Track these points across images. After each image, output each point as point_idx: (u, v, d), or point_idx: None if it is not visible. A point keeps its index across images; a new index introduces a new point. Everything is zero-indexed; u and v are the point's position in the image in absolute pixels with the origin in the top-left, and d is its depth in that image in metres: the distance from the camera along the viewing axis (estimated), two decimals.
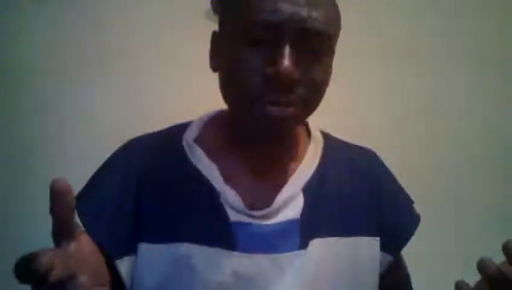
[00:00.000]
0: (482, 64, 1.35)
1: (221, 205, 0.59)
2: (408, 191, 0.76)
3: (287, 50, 0.51)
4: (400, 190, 0.72)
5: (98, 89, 1.28)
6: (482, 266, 0.42)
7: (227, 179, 0.60)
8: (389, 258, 0.65)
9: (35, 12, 1.32)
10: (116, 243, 0.58)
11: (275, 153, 0.63)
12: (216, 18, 0.67)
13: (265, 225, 0.59)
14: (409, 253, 0.74)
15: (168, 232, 0.58)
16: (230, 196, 0.59)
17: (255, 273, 0.56)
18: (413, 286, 0.76)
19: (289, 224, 0.59)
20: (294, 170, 0.63)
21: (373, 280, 0.63)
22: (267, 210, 0.59)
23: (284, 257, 0.57)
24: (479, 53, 1.35)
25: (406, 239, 0.67)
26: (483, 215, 1.23)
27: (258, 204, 0.59)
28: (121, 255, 0.58)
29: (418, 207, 0.74)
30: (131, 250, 0.58)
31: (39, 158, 1.23)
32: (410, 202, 0.72)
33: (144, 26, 1.33)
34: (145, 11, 1.35)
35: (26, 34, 1.31)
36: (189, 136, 0.64)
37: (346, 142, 0.73)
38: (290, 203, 0.60)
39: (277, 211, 0.59)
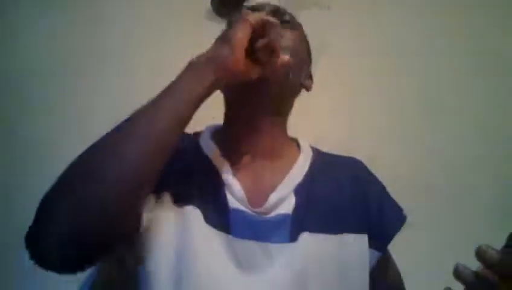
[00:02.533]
0: (483, 64, 1.35)
1: (224, 193, 0.65)
2: (408, 189, 0.77)
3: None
4: (384, 192, 0.76)
5: (98, 89, 1.28)
6: (457, 272, 0.43)
7: (235, 174, 0.68)
8: (376, 254, 0.69)
9: (36, 13, 1.32)
10: None
11: (270, 161, 0.71)
12: (216, 18, 0.68)
13: (260, 216, 0.65)
14: (408, 252, 0.74)
15: (184, 202, 0.63)
16: (234, 185, 0.66)
17: (246, 258, 0.61)
18: (411, 286, 0.76)
19: (281, 217, 0.65)
20: (286, 175, 0.70)
21: (362, 276, 0.66)
22: (263, 207, 0.65)
23: (275, 247, 0.62)
24: (479, 53, 1.36)
25: (392, 234, 0.71)
26: (483, 215, 1.23)
27: (255, 201, 0.66)
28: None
29: (418, 206, 0.75)
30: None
31: (39, 158, 1.23)
32: (396, 204, 0.75)
33: (144, 27, 1.33)
34: (145, 11, 1.35)
35: (27, 34, 1.31)
36: (206, 135, 0.74)
37: (333, 154, 0.80)
38: (282, 202, 0.66)
39: (271, 208, 0.66)
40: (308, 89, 0.79)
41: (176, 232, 0.61)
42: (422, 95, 1.34)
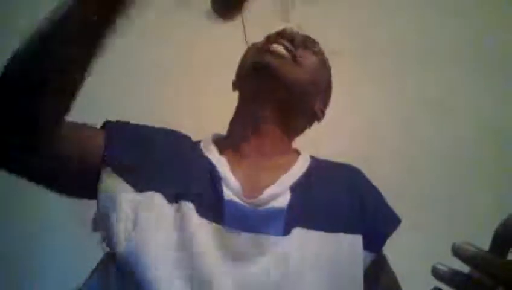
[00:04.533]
0: (484, 64, 1.35)
1: (220, 186, 0.66)
2: (408, 188, 0.77)
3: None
4: (380, 196, 0.76)
5: (98, 89, 1.28)
6: (435, 271, 0.42)
7: (232, 169, 0.69)
8: (371, 255, 0.69)
9: (36, 13, 1.32)
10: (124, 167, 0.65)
11: (268, 160, 0.72)
12: (215, 19, 0.68)
13: (254, 209, 0.65)
14: (406, 253, 0.74)
15: (177, 195, 0.64)
16: (230, 178, 0.67)
17: (238, 250, 0.61)
18: (409, 286, 0.76)
19: (275, 211, 0.65)
20: (283, 173, 0.71)
21: (355, 276, 0.66)
22: (257, 199, 0.66)
23: (266, 239, 0.62)
24: (480, 53, 1.35)
25: (386, 235, 0.71)
26: (482, 216, 1.23)
27: (250, 194, 0.67)
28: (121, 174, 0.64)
29: (417, 206, 0.74)
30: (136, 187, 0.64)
31: None
32: (391, 208, 0.76)
33: (144, 27, 1.33)
34: (144, 11, 1.35)
35: (27, 34, 1.31)
36: (208, 139, 0.75)
37: (332, 161, 0.81)
38: (277, 197, 0.67)
39: (265, 201, 0.66)
40: (318, 119, 0.81)
41: (170, 229, 0.61)
42: (422, 95, 1.34)
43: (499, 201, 1.23)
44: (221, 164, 0.69)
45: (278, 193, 0.67)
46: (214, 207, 0.64)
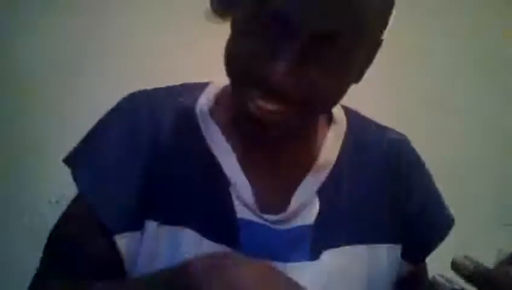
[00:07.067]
0: (484, 63, 1.35)
1: (230, 197, 0.52)
2: None
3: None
4: (430, 188, 0.63)
5: (98, 89, 1.28)
6: (455, 267, 0.40)
7: (243, 168, 0.53)
8: (409, 267, 0.58)
9: (36, 13, 1.32)
10: (118, 216, 0.50)
11: (290, 142, 0.54)
12: (215, 19, 0.67)
13: (274, 229, 0.52)
14: None
15: (175, 215, 0.51)
16: (242, 188, 0.52)
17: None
18: None
19: (301, 231, 0.53)
20: (310, 166, 0.55)
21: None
22: (280, 216, 0.52)
23: (292, 267, 0.50)
24: (480, 52, 1.36)
25: (432, 246, 0.60)
26: (484, 216, 1.23)
27: (270, 206, 0.53)
28: (123, 230, 0.50)
29: None
30: (136, 226, 0.51)
31: (39, 158, 1.24)
32: (442, 206, 0.63)
33: (144, 27, 1.33)
34: (144, 12, 1.35)
35: (27, 34, 1.32)
36: (205, 105, 0.55)
37: (375, 126, 0.63)
38: (304, 210, 0.53)
39: (290, 218, 0.53)
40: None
41: (169, 259, 0.49)
42: (422, 95, 1.34)
43: (501, 201, 1.23)
44: (229, 160, 0.52)
45: (305, 202, 0.53)
46: (224, 227, 0.51)
